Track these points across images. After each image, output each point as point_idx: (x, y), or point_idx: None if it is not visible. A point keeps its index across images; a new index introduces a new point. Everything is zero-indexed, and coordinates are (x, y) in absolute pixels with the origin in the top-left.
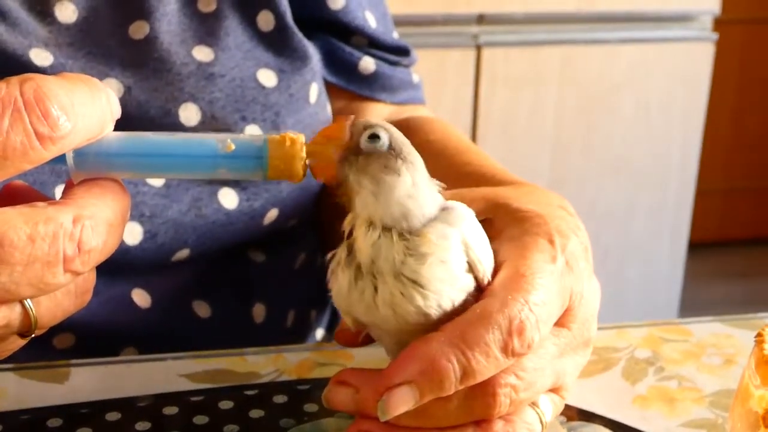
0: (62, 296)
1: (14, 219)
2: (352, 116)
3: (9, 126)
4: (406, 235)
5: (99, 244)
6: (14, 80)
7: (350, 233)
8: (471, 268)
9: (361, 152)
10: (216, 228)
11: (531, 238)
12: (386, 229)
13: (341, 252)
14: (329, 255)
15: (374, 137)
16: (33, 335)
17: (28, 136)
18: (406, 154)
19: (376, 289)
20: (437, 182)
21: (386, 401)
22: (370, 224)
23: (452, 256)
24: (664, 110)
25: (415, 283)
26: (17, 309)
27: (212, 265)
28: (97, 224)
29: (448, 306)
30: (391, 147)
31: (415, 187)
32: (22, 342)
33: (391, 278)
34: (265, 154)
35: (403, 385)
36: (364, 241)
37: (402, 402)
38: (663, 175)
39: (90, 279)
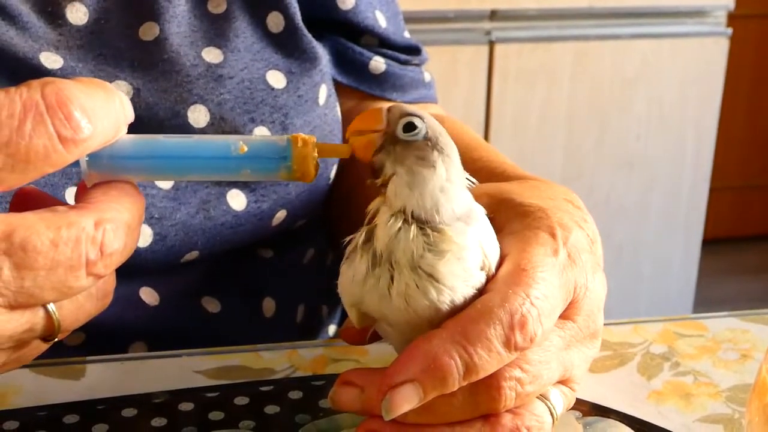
0: (84, 299)
1: (37, 224)
2: (387, 105)
3: (31, 130)
4: (427, 230)
5: (120, 247)
6: (35, 84)
7: (372, 218)
8: (482, 266)
9: (398, 141)
10: (224, 230)
11: (532, 232)
12: (408, 222)
13: (359, 236)
14: (347, 239)
15: (410, 127)
16: (56, 339)
17: (50, 139)
18: (442, 145)
19: (392, 278)
20: (470, 178)
21: (389, 400)
22: (395, 214)
23: (469, 254)
24: (677, 106)
25: (431, 276)
26: (40, 313)
27: (221, 264)
28: (118, 227)
29: (459, 302)
30: (427, 137)
31: (448, 182)
32: (44, 346)
33: (408, 270)
34: (289, 154)
35: (406, 384)
36: (383, 230)
37: (405, 400)
38: (677, 172)
39: (111, 281)
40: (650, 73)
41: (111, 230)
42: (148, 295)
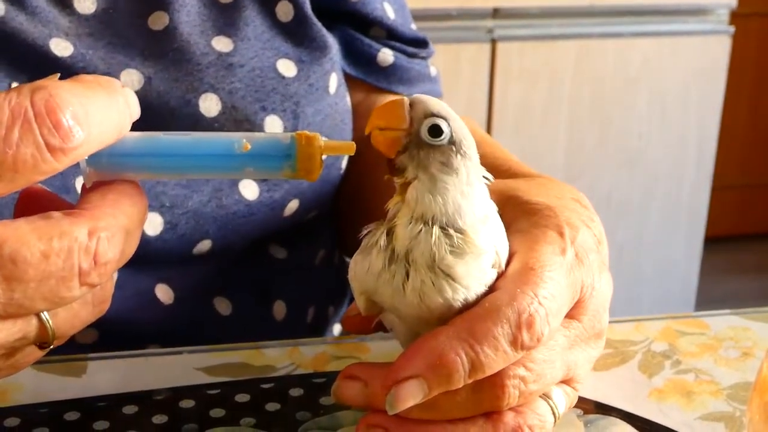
0: (80, 306)
1: (27, 235)
2: (406, 98)
3: (19, 138)
4: (450, 231)
5: (116, 255)
6: (26, 89)
7: (393, 215)
8: (494, 263)
9: (422, 144)
10: (236, 219)
11: (540, 231)
12: (428, 224)
13: (380, 234)
14: (364, 230)
15: (436, 131)
16: (52, 346)
17: (38, 148)
18: (465, 148)
19: (407, 274)
20: (486, 175)
21: (394, 395)
22: (416, 217)
23: (486, 254)
24: (680, 104)
25: (448, 276)
26: (33, 321)
27: (233, 259)
28: (114, 235)
29: (472, 299)
30: (452, 140)
31: (469, 185)
32: (40, 353)
33: (425, 268)
34: (293, 153)
35: (412, 379)
36: (404, 231)
37: (410, 396)
38: (678, 170)
39: (108, 287)
40: (652, 72)
41: (105, 239)
42: (163, 293)
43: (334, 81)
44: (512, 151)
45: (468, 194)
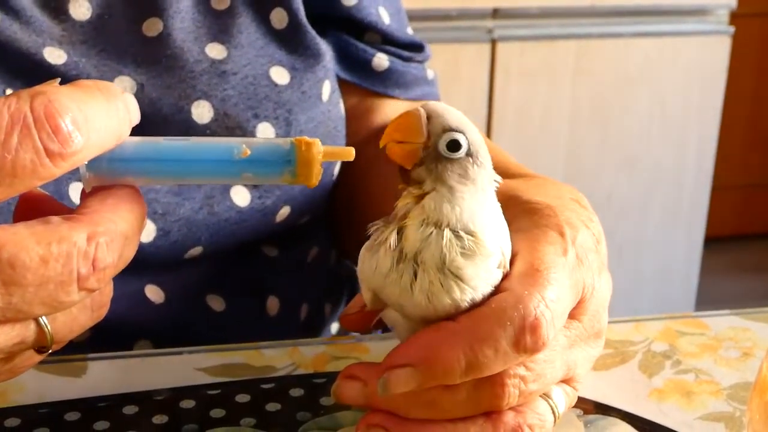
0: (78, 311)
1: (26, 240)
2: (422, 110)
3: (18, 143)
4: (460, 233)
5: (114, 260)
6: (25, 94)
7: (403, 215)
8: (499, 264)
9: (440, 158)
10: (228, 225)
11: (541, 230)
12: (439, 227)
13: (389, 232)
14: (371, 226)
15: (455, 146)
16: (50, 351)
17: (37, 153)
18: (482, 158)
19: (415, 274)
20: (496, 179)
21: (387, 378)
22: (428, 222)
23: (494, 256)
24: (680, 105)
25: (457, 277)
26: (31, 326)
27: (225, 261)
28: (112, 240)
29: (478, 300)
30: (469, 152)
31: (483, 191)
32: (38, 357)
33: (434, 269)
34: (293, 159)
35: (407, 367)
36: (415, 233)
37: (402, 381)
38: (679, 170)
39: (106, 292)
40: (652, 72)
41: (104, 244)
42: (154, 293)
43: (327, 88)
44: (512, 151)
45: (482, 200)
